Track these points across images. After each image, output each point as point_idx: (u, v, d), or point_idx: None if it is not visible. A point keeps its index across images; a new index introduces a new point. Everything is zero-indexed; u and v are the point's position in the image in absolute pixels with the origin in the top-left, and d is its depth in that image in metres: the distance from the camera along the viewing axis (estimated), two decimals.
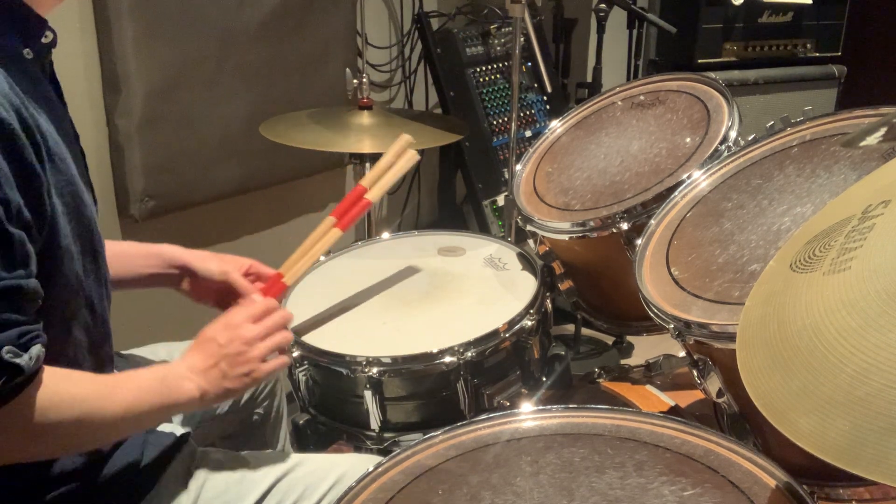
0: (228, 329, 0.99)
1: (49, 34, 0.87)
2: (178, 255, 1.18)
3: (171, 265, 1.18)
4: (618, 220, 1.18)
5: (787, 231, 0.98)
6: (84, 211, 0.88)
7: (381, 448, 1.16)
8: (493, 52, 2.44)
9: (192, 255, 1.18)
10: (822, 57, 2.60)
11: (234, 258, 1.21)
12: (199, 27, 1.79)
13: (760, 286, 0.73)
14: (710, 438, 0.81)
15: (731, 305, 0.92)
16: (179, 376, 0.94)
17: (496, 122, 2.40)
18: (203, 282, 1.18)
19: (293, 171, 2.13)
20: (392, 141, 1.23)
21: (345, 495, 0.80)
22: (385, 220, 2.56)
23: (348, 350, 1.14)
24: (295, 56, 2.02)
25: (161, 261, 1.18)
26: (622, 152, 1.33)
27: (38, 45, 0.85)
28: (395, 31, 2.45)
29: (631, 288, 1.05)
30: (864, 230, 0.62)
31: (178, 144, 1.81)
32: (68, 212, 0.84)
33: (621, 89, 1.47)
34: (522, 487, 0.78)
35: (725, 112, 1.25)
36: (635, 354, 2.36)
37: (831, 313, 0.58)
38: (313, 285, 1.34)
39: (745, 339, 0.67)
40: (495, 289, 1.30)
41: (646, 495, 0.74)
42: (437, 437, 0.88)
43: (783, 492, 0.72)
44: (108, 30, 1.65)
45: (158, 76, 1.73)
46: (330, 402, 1.21)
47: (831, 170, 1.03)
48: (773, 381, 0.60)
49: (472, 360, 1.12)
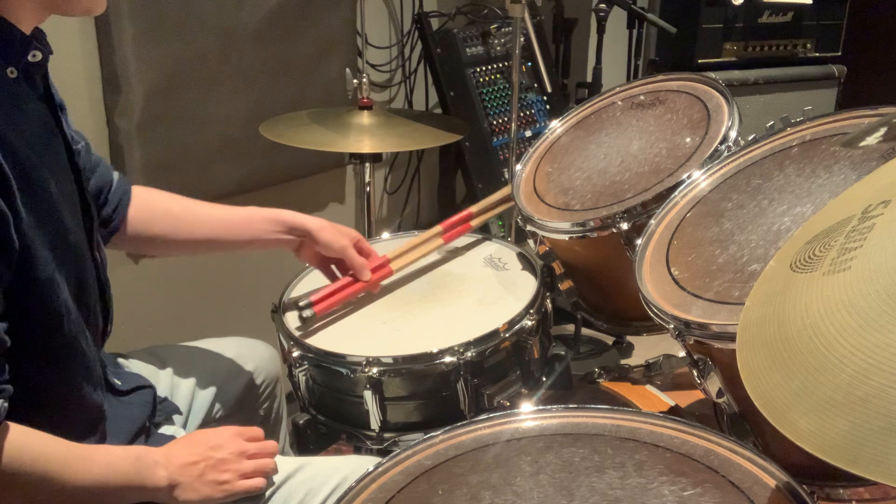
0: (223, 437, 0.99)
1: (37, 53, 0.84)
2: (299, 221, 1.24)
3: (292, 231, 1.25)
4: (618, 220, 1.18)
5: (787, 231, 0.98)
6: (69, 238, 0.86)
7: (381, 448, 1.16)
8: (493, 52, 2.44)
9: (313, 224, 1.24)
10: (822, 57, 2.60)
11: (347, 230, 1.27)
12: (199, 27, 1.79)
13: (760, 286, 0.73)
14: (710, 438, 0.81)
15: (731, 305, 0.92)
16: (154, 462, 0.92)
17: (496, 122, 2.40)
18: (320, 249, 1.25)
19: (293, 171, 2.13)
20: (392, 140, 1.27)
21: (345, 495, 0.80)
22: (385, 220, 2.56)
23: (348, 350, 1.14)
24: (295, 56, 2.02)
25: (283, 227, 1.24)
26: (622, 152, 1.33)
27: (24, 63, 0.83)
28: (395, 31, 2.45)
29: (631, 288, 1.05)
30: (864, 230, 0.62)
31: (177, 144, 1.81)
32: (49, 241, 0.82)
33: (621, 89, 1.47)
34: (522, 487, 0.78)
35: (725, 112, 1.25)
36: (635, 354, 2.36)
37: (831, 313, 0.58)
38: (313, 285, 1.34)
39: (745, 339, 0.67)
40: (495, 289, 1.30)
41: (646, 495, 0.74)
42: (437, 437, 0.88)
43: (783, 492, 0.72)
44: (108, 30, 1.65)
45: (158, 76, 1.73)
46: (330, 402, 1.21)
47: (831, 170, 1.03)
48: (773, 381, 0.60)
49: (472, 360, 1.12)
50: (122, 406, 1.02)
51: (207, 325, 2.03)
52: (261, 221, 1.24)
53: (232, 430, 1.01)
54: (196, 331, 1.99)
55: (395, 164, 2.54)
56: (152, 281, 1.89)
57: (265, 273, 2.10)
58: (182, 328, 1.98)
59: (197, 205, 1.24)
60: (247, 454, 0.99)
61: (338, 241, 1.23)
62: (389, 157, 2.52)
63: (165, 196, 1.23)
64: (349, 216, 2.43)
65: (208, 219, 1.23)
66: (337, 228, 1.26)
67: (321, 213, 2.33)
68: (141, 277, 1.87)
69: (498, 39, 2.45)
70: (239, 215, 1.25)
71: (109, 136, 1.73)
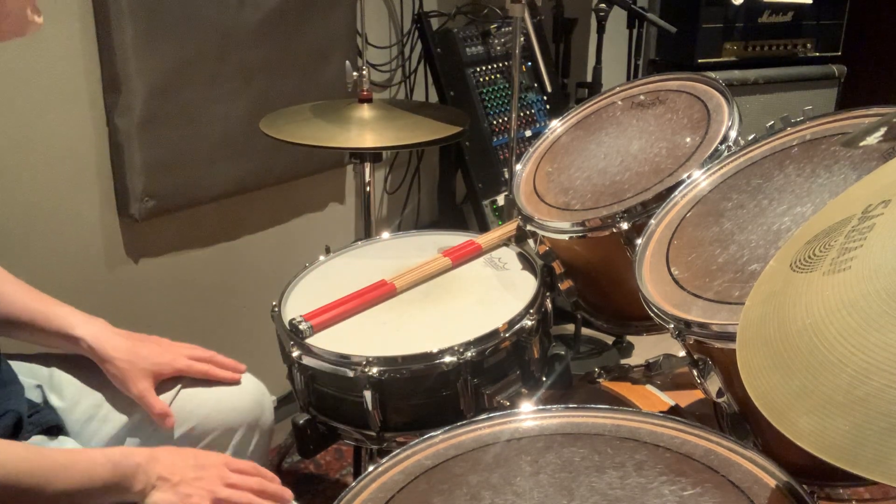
0: (210, 459, 0.98)
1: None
2: (70, 330, 1.07)
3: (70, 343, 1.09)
4: (618, 219, 1.17)
5: (787, 231, 0.98)
6: None
7: (381, 448, 1.16)
8: (493, 52, 2.44)
9: (95, 342, 1.07)
10: (822, 57, 2.60)
11: (160, 351, 1.10)
12: (199, 27, 1.79)
13: (760, 286, 0.73)
14: (710, 438, 0.81)
15: (731, 305, 0.92)
16: (135, 465, 0.92)
17: (496, 121, 2.40)
18: None
19: (293, 171, 2.13)
20: (393, 133, 1.28)
21: (345, 495, 0.80)
22: (385, 220, 2.56)
23: (348, 350, 1.14)
24: (295, 56, 2.02)
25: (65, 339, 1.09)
26: (622, 152, 1.33)
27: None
28: (395, 31, 2.45)
29: (631, 288, 1.05)
30: (864, 230, 0.62)
31: (178, 144, 1.81)
32: None
33: (621, 89, 1.47)
34: (522, 487, 0.78)
35: (725, 112, 1.25)
36: (635, 354, 2.36)
37: (831, 313, 0.58)
38: (313, 285, 1.34)
39: (745, 338, 0.67)
40: (495, 289, 1.30)
41: (646, 495, 0.74)
42: (437, 437, 0.88)
43: (783, 492, 0.72)
44: (108, 30, 1.65)
45: (158, 76, 1.73)
46: (330, 402, 1.21)
47: (831, 170, 1.03)
48: (773, 381, 0.60)
49: (472, 360, 1.12)
50: None
51: (207, 325, 2.04)
52: (41, 334, 1.09)
53: (223, 457, 1.01)
54: (196, 331, 2.00)
55: (395, 164, 2.54)
56: (152, 281, 1.89)
57: (265, 273, 2.11)
58: (182, 328, 1.98)
59: (3, 283, 1.10)
60: (226, 482, 0.97)
61: (133, 380, 1.05)
62: (389, 157, 2.52)
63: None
64: (349, 216, 2.43)
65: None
66: (137, 351, 1.08)
67: (321, 212, 2.33)
68: (141, 277, 1.87)
69: (498, 39, 2.45)
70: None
71: (109, 136, 1.73)
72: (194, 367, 1.12)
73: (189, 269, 1.98)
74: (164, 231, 1.89)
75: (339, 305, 1.23)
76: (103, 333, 1.09)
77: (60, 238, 1.70)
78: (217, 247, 2.04)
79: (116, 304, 1.06)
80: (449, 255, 1.38)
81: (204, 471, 0.97)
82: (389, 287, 1.28)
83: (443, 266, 1.36)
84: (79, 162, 1.70)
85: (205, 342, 1.23)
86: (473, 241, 1.42)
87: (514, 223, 1.42)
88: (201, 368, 1.12)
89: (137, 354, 1.08)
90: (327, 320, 1.21)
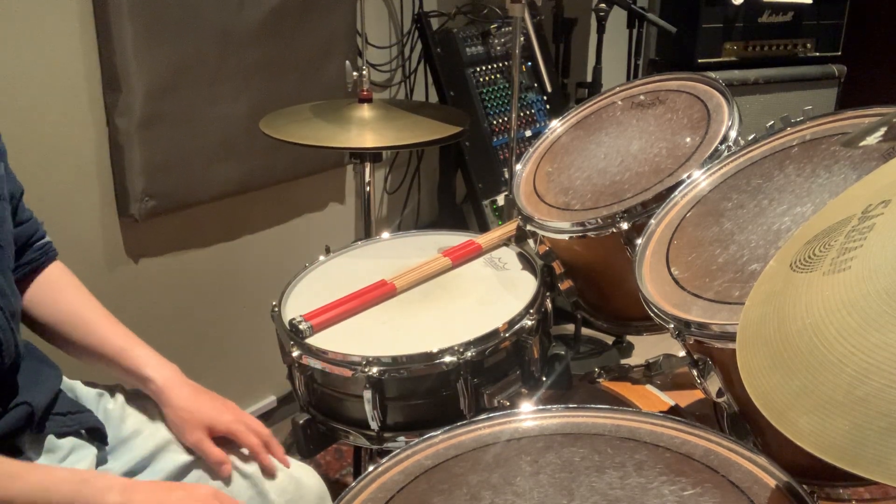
0: (200, 489, 0.95)
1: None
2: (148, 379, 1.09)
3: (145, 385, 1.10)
4: (618, 219, 1.17)
5: (787, 231, 0.98)
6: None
7: (380, 448, 1.16)
8: (493, 52, 2.44)
9: (165, 392, 1.07)
10: (822, 57, 2.60)
11: (223, 412, 1.09)
12: (199, 27, 1.79)
13: (760, 286, 0.73)
14: (710, 438, 0.81)
15: (731, 305, 0.92)
16: (107, 486, 0.89)
17: (496, 121, 2.40)
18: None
19: (293, 171, 2.13)
20: (393, 133, 1.35)
21: (345, 495, 0.80)
22: (385, 220, 2.56)
23: (348, 349, 1.14)
24: (295, 56, 2.02)
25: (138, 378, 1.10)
26: (622, 152, 1.33)
27: None
28: (395, 31, 2.45)
29: (631, 288, 1.05)
30: (864, 230, 0.62)
31: (178, 144, 1.81)
32: None
33: (621, 89, 1.47)
34: (522, 487, 0.78)
35: (725, 112, 1.25)
36: (635, 354, 2.36)
37: (831, 313, 0.58)
38: (313, 284, 1.34)
39: (745, 338, 0.67)
40: (495, 289, 1.30)
41: (646, 495, 0.74)
42: (437, 437, 0.88)
43: (783, 492, 0.72)
44: (108, 30, 1.65)
45: (158, 76, 1.73)
46: (330, 401, 1.21)
47: (831, 170, 1.03)
48: (773, 381, 0.60)
49: (472, 360, 1.12)
50: None
51: (207, 325, 2.04)
52: (116, 367, 1.11)
53: (213, 489, 0.96)
54: (196, 331, 2.00)
55: (395, 164, 2.54)
56: (152, 281, 1.89)
57: (265, 273, 2.11)
58: (182, 328, 1.98)
59: (93, 313, 1.13)
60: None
61: (192, 436, 1.06)
62: (389, 157, 2.52)
63: (72, 290, 1.14)
64: (349, 216, 2.43)
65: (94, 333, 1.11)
66: (199, 404, 1.08)
67: (321, 212, 2.33)
68: (141, 277, 1.87)
69: (498, 39, 2.45)
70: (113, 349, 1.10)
71: (109, 136, 1.73)
72: (245, 437, 1.09)
73: (189, 269, 1.98)
74: (164, 231, 1.89)
75: (338, 305, 1.23)
76: (173, 380, 1.09)
77: (60, 238, 1.69)
78: (217, 247, 2.04)
79: (116, 304, 1.06)
80: (449, 255, 1.38)
81: (188, 494, 0.93)
82: (389, 287, 1.28)
83: (443, 266, 1.36)
84: (79, 162, 1.70)
85: (205, 342, 1.23)
86: (473, 241, 1.43)
87: (514, 223, 1.42)
88: (251, 442, 1.09)
89: (199, 408, 1.08)
90: (327, 320, 1.21)
